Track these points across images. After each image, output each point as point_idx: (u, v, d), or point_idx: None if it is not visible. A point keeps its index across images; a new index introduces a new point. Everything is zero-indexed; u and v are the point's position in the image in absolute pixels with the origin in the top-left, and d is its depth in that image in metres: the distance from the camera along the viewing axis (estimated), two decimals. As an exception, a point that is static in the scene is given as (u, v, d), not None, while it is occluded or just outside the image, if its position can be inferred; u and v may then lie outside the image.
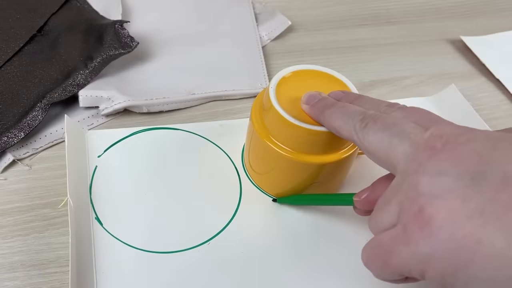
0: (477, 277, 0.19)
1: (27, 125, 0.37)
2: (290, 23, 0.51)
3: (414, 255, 0.21)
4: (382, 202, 0.24)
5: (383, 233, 0.23)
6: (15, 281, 0.30)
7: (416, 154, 0.22)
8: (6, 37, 0.43)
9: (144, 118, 0.41)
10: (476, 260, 0.19)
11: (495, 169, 0.20)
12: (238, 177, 0.37)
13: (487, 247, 0.18)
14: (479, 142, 0.21)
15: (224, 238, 0.33)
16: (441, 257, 0.20)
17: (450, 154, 0.21)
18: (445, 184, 0.20)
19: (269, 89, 0.32)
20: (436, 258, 0.20)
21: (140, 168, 0.37)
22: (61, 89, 0.39)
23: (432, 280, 0.21)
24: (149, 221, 0.33)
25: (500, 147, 0.20)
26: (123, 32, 0.42)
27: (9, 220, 0.33)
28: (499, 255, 0.18)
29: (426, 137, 0.22)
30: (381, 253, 0.23)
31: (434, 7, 0.58)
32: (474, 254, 0.19)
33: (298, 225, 0.34)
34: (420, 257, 0.20)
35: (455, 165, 0.20)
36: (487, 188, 0.19)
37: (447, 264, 0.20)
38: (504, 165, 0.20)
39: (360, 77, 0.47)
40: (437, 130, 0.22)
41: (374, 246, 0.24)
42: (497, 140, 0.21)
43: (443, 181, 0.20)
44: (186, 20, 0.51)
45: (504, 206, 0.19)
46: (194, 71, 0.45)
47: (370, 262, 0.24)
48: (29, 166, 0.37)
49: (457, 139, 0.21)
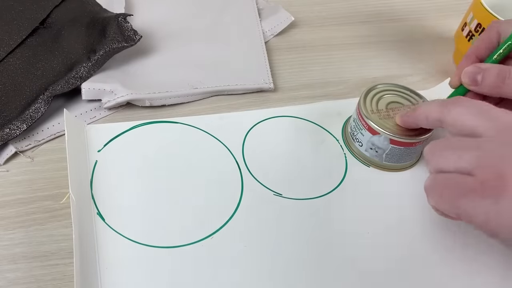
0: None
1: (29, 117, 0.37)
2: (293, 18, 0.51)
3: (487, 207, 0.25)
4: (455, 146, 0.28)
5: (458, 176, 0.27)
6: (16, 273, 0.30)
7: (505, 130, 0.26)
8: (9, 29, 0.43)
9: (147, 111, 0.41)
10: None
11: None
12: (239, 171, 0.37)
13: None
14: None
15: (227, 232, 0.33)
16: (510, 216, 0.24)
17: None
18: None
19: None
20: (505, 215, 0.25)
21: (140, 163, 0.36)
22: (63, 81, 0.39)
23: (493, 231, 0.26)
24: (151, 215, 0.33)
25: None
26: (126, 26, 0.42)
27: (11, 212, 0.33)
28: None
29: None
30: (453, 189, 0.27)
31: (437, 5, 0.58)
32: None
33: (300, 218, 0.34)
34: (491, 210, 0.25)
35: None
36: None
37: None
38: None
39: (362, 73, 0.47)
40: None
41: (448, 179, 0.27)
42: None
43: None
44: (189, 15, 0.50)
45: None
46: (197, 65, 0.45)
47: (435, 190, 0.28)
48: (31, 158, 0.37)
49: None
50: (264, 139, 0.39)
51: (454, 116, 0.29)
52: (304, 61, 0.48)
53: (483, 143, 0.27)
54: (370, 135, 0.36)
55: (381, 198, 0.36)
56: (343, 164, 0.38)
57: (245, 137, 0.39)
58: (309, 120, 0.41)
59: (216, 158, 0.38)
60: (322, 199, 0.36)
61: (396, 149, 0.36)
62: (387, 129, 0.35)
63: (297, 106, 0.43)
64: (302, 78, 0.46)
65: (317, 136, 0.40)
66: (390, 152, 0.36)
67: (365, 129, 0.37)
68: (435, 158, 0.28)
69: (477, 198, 0.25)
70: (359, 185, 0.37)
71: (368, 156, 0.38)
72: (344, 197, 0.36)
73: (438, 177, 0.28)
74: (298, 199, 0.35)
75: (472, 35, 0.45)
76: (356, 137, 0.38)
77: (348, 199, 0.36)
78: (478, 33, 0.44)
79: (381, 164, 0.38)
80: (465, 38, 0.46)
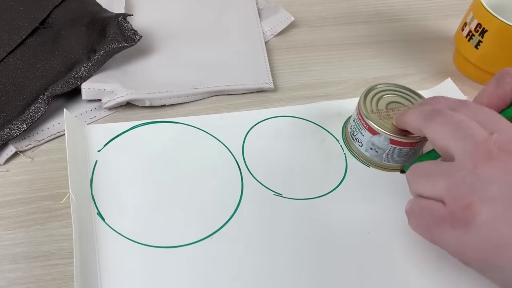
0: (505, 266, 0.24)
1: (29, 117, 0.37)
2: (293, 18, 0.51)
3: (457, 238, 0.26)
4: (431, 172, 0.28)
5: (433, 205, 0.27)
6: (17, 273, 0.30)
7: (475, 154, 0.26)
8: (8, 29, 0.43)
9: (147, 111, 0.41)
10: (506, 255, 0.24)
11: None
12: (239, 171, 0.37)
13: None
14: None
15: (227, 231, 0.33)
16: (478, 247, 0.25)
17: (502, 164, 0.25)
18: (492, 191, 0.25)
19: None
20: (474, 247, 0.25)
21: (140, 163, 0.37)
22: (63, 81, 0.39)
23: (464, 261, 0.26)
24: (150, 215, 0.33)
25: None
26: (126, 26, 0.42)
27: (11, 212, 0.33)
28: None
29: (486, 141, 0.26)
30: (428, 218, 0.27)
31: (437, 5, 0.58)
32: (503, 251, 0.24)
33: (300, 218, 0.34)
34: (460, 241, 0.25)
35: (504, 176, 0.25)
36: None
37: (481, 253, 0.25)
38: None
39: (362, 74, 0.47)
40: (497, 136, 0.26)
41: (423, 207, 0.28)
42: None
43: (491, 189, 0.25)
44: (189, 15, 0.51)
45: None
46: (197, 65, 0.45)
47: (413, 217, 0.29)
48: (31, 158, 0.37)
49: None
50: (264, 139, 0.39)
51: (430, 135, 0.29)
52: (304, 61, 0.48)
53: (454, 170, 0.26)
54: (370, 135, 0.36)
55: (381, 198, 0.36)
56: (343, 164, 0.38)
57: (245, 137, 0.39)
58: (309, 120, 0.41)
59: (216, 158, 0.38)
60: (322, 199, 0.36)
61: (396, 149, 0.36)
62: (387, 129, 0.35)
63: (297, 106, 0.43)
64: (302, 78, 0.46)
65: (317, 136, 0.40)
66: (390, 152, 0.36)
67: (365, 129, 0.37)
68: (414, 183, 0.29)
69: (448, 228, 0.26)
70: (359, 185, 0.37)
71: (368, 156, 0.38)
72: (344, 197, 0.36)
73: (416, 203, 0.29)
74: (298, 199, 0.36)
75: (472, 35, 0.45)
76: (356, 137, 0.38)
77: (348, 199, 0.36)
78: (478, 33, 0.44)
79: (381, 164, 0.38)
80: (465, 38, 0.46)
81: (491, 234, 0.24)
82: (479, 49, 0.45)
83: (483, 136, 0.26)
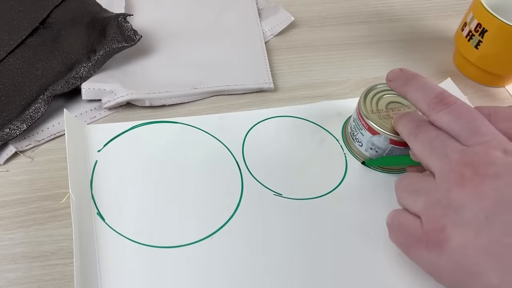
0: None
1: (29, 117, 0.37)
2: (293, 18, 0.51)
3: (430, 260, 0.26)
4: (415, 187, 0.28)
5: (410, 223, 0.28)
6: (16, 273, 0.30)
7: (449, 176, 0.26)
8: (8, 29, 0.43)
9: (147, 111, 0.41)
10: (477, 283, 0.24)
11: (508, 211, 0.23)
12: (239, 171, 0.37)
13: (484, 278, 0.24)
14: (504, 178, 0.24)
15: (227, 232, 0.33)
16: (450, 271, 0.25)
17: (475, 189, 0.25)
18: (464, 217, 0.25)
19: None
20: (446, 270, 0.26)
21: (140, 163, 0.36)
22: (63, 81, 0.39)
23: (438, 280, 0.27)
24: (150, 215, 0.33)
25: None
26: (126, 26, 0.42)
27: (11, 212, 0.33)
28: (492, 286, 0.23)
29: (459, 162, 0.26)
30: (405, 236, 0.28)
31: (437, 5, 0.58)
32: (474, 278, 0.24)
33: (300, 218, 0.34)
34: (434, 263, 0.26)
35: (476, 201, 0.24)
36: (496, 230, 0.24)
37: (453, 277, 0.25)
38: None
39: (362, 73, 0.47)
40: (470, 155, 0.26)
41: (401, 224, 0.29)
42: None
43: (463, 215, 0.25)
44: (189, 14, 0.51)
45: (506, 249, 0.23)
46: (197, 65, 0.45)
47: (392, 233, 0.30)
48: (31, 158, 0.37)
49: (487, 171, 0.25)
50: (264, 139, 0.39)
51: (414, 152, 0.30)
52: (304, 61, 0.48)
53: (432, 189, 0.27)
54: (370, 135, 0.36)
55: (381, 198, 0.36)
56: (343, 164, 0.38)
57: (245, 137, 0.39)
58: (309, 120, 0.41)
59: (216, 158, 0.38)
60: (322, 199, 0.36)
61: (396, 149, 0.36)
62: (387, 129, 0.35)
63: (297, 106, 0.43)
64: (302, 78, 0.46)
65: (317, 136, 0.40)
66: (390, 152, 0.36)
67: (365, 129, 0.37)
68: (400, 196, 0.30)
69: (423, 249, 0.26)
70: (359, 185, 0.37)
71: (368, 156, 0.38)
72: (344, 197, 0.36)
73: (395, 219, 0.29)
74: (298, 199, 0.36)
75: (472, 35, 0.45)
76: (356, 137, 0.38)
77: (348, 199, 0.36)
78: (478, 33, 0.44)
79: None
80: (465, 38, 0.46)
81: (462, 261, 0.24)
82: (479, 49, 0.45)
83: (457, 155, 0.26)
